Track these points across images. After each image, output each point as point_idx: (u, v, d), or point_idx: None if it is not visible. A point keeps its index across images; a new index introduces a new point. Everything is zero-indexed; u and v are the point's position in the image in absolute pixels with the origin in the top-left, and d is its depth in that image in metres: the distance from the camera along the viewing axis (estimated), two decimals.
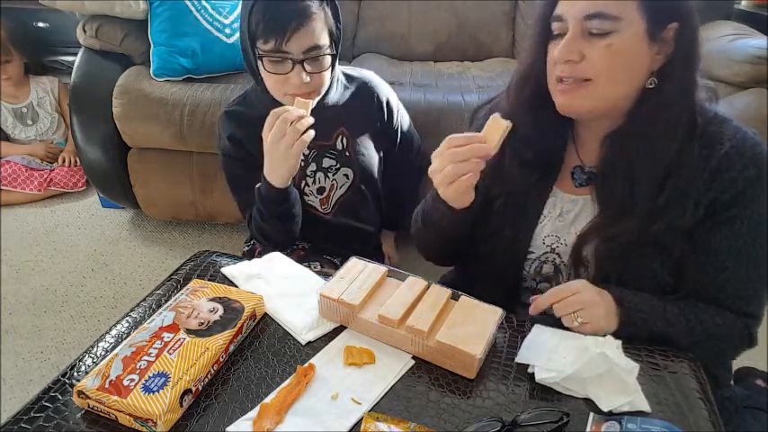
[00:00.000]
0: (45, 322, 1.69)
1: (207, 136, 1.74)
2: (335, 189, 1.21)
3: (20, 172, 2.30)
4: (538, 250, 0.90)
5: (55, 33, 2.47)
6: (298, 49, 0.98)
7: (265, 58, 1.00)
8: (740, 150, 0.77)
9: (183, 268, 0.91)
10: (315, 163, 1.17)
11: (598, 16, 0.74)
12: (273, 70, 1.01)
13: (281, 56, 0.98)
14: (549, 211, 0.90)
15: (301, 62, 1.00)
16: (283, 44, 0.97)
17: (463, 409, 0.67)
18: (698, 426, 0.65)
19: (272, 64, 1.00)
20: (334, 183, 1.20)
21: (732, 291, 0.81)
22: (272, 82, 1.04)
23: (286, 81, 1.01)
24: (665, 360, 0.74)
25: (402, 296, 0.79)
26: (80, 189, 2.38)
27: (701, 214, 0.78)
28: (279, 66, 1.00)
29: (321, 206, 1.21)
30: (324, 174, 1.18)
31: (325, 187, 1.19)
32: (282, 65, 1.00)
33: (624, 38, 0.74)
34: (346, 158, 1.19)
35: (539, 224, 0.90)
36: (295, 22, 0.96)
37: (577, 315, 0.76)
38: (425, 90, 1.76)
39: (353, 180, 1.21)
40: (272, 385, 0.69)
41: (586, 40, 0.76)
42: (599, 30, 0.74)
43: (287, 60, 0.99)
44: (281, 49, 0.98)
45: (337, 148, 1.18)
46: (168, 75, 1.81)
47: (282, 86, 1.02)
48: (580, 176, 0.89)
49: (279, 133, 0.95)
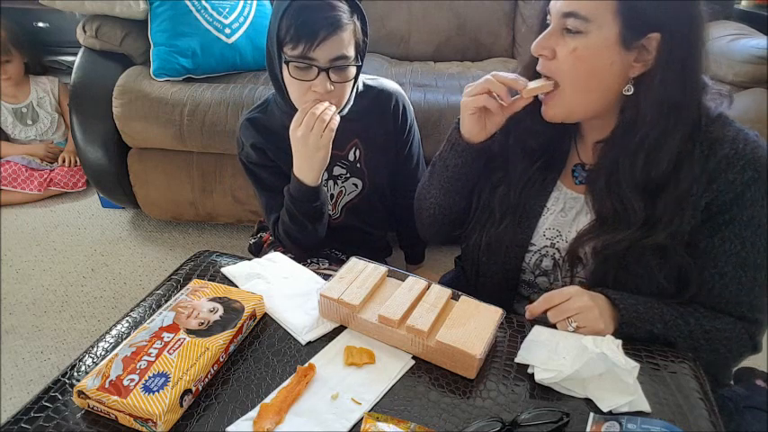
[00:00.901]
0: (45, 322, 1.68)
1: (207, 136, 1.74)
2: (343, 195, 1.22)
3: (20, 172, 2.30)
4: (538, 242, 0.91)
5: (55, 33, 2.47)
6: (324, 57, 0.98)
7: (291, 63, 0.99)
8: (739, 152, 0.76)
9: (183, 268, 0.91)
10: (326, 171, 1.16)
11: (572, 15, 0.75)
12: (298, 76, 1.00)
13: (308, 62, 0.98)
14: (552, 204, 0.90)
15: (327, 70, 0.99)
16: (311, 51, 0.97)
17: (463, 409, 0.67)
18: (698, 426, 0.65)
19: (298, 70, 1.00)
20: (342, 189, 1.21)
21: (732, 295, 0.80)
22: (294, 88, 1.03)
23: (309, 89, 1.01)
24: (665, 360, 0.74)
25: (402, 296, 0.79)
26: (80, 189, 2.38)
27: (698, 218, 0.78)
28: (304, 72, 1.00)
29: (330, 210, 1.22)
30: (333, 182, 1.20)
31: (333, 194, 1.21)
32: (307, 72, 1.00)
33: (591, 42, 0.75)
34: (357, 170, 1.20)
35: (542, 216, 0.90)
36: (325, 31, 0.96)
37: (572, 320, 0.76)
38: (425, 90, 1.76)
39: (362, 190, 1.22)
40: (272, 385, 0.69)
41: (561, 38, 0.77)
42: (573, 28, 0.75)
43: (312, 67, 0.99)
44: (307, 56, 0.97)
45: (349, 159, 1.19)
46: (168, 75, 1.81)
47: (305, 94, 1.02)
48: (580, 174, 0.89)
49: (308, 126, 0.97)
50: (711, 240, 0.79)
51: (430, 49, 2.20)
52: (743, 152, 0.76)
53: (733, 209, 0.77)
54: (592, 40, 0.75)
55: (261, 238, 1.32)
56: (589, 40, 0.75)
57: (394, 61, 2.15)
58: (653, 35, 0.74)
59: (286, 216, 1.10)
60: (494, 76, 0.83)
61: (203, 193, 1.91)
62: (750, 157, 0.76)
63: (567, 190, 0.90)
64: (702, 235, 0.79)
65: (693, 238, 0.79)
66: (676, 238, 0.78)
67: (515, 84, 0.82)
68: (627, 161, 0.78)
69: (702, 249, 0.80)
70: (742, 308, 0.81)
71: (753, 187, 0.76)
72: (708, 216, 0.78)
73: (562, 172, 0.91)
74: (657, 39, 0.74)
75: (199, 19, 1.82)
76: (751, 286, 0.80)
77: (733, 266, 0.79)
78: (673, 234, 0.78)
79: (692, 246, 0.80)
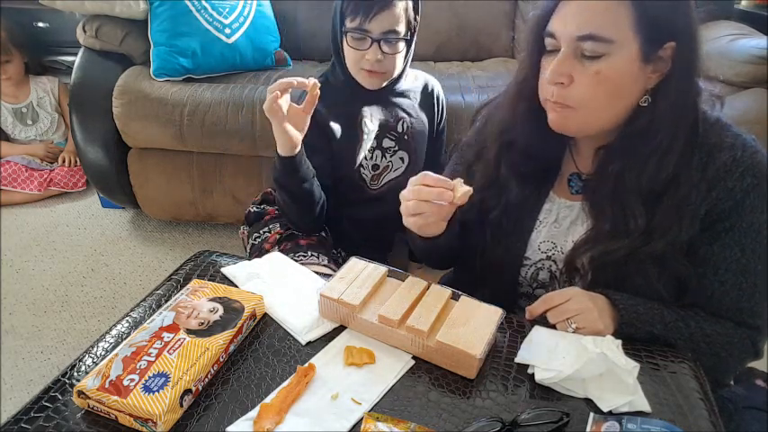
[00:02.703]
0: (45, 322, 1.69)
1: (207, 136, 1.74)
2: (390, 170, 1.30)
3: (20, 172, 2.30)
4: (534, 256, 0.90)
5: (55, 33, 2.47)
6: (377, 30, 1.12)
7: (349, 33, 1.13)
8: (738, 160, 0.75)
9: (183, 268, 0.91)
10: (376, 140, 1.25)
11: (591, 38, 0.72)
12: (354, 46, 1.14)
13: (363, 33, 1.12)
14: (544, 217, 0.89)
15: (378, 42, 1.13)
16: (366, 23, 1.11)
17: (463, 409, 0.67)
18: (698, 426, 0.65)
19: (354, 40, 1.13)
20: (389, 164, 1.29)
21: (733, 302, 0.80)
22: (351, 56, 1.17)
23: (362, 57, 1.14)
24: (665, 360, 0.74)
25: (402, 296, 0.79)
26: (80, 189, 2.38)
27: (697, 226, 0.78)
28: (359, 42, 1.13)
29: (371, 181, 1.29)
30: (382, 153, 1.28)
31: (379, 165, 1.28)
32: (362, 42, 1.13)
33: (614, 62, 0.72)
34: (404, 142, 1.28)
35: (534, 230, 0.89)
36: (378, 6, 1.10)
37: (571, 321, 0.76)
38: None
39: (408, 165, 1.30)
40: (272, 385, 0.69)
41: (578, 62, 0.74)
42: (591, 52, 0.72)
43: (366, 38, 1.12)
44: (362, 27, 1.11)
45: (398, 131, 1.27)
46: (168, 75, 1.81)
47: (359, 62, 1.15)
48: (577, 183, 0.88)
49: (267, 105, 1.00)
50: (711, 248, 0.79)
51: (430, 50, 2.20)
52: (741, 159, 0.76)
53: (732, 216, 0.77)
54: (616, 61, 0.72)
55: (264, 210, 1.32)
56: (613, 61, 0.72)
57: None
58: (668, 44, 0.73)
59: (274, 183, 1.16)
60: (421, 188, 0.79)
61: (203, 193, 1.91)
62: (749, 163, 0.75)
63: (561, 200, 0.89)
64: (702, 242, 0.79)
65: (693, 245, 0.79)
66: (675, 246, 0.78)
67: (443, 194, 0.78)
68: (635, 167, 0.77)
69: (702, 257, 0.79)
70: (742, 314, 0.80)
71: (752, 194, 0.76)
72: (707, 224, 0.78)
73: (555, 183, 0.90)
74: (672, 47, 0.73)
75: (199, 19, 1.82)
76: (751, 293, 0.79)
77: (733, 273, 0.78)
78: (671, 242, 0.77)
79: (692, 253, 0.79)
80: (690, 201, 0.77)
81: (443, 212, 0.80)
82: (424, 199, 0.79)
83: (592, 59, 0.73)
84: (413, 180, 0.81)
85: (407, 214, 0.82)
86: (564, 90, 0.75)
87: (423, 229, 0.84)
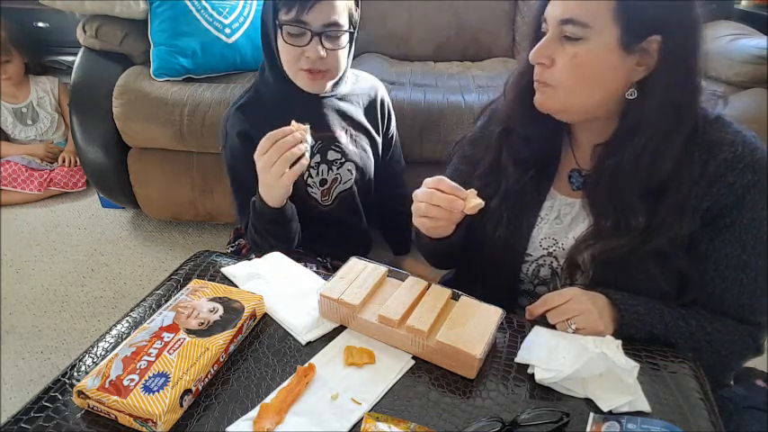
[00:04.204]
0: (45, 322, 1.69)
1: (207, 136, 1.74)
2: (338, 183, 1.21)
3: (20, 172, 2.30)
4: (535, 252, 0.90)
5: (55, 33, 2.47)
6: (317, 22, 1.00)
7: (285, 27, 1.01)
8: (738, 156, 0.76)
9: (183, 268, 0.91)
10: (319, 154, 1.16)
11: (570, 21, 0.74)
12: (291, 42, 1.02)
13: (301, 27, 1.00)
14: (546, 214, 0.90)
15: (319, 35, 1.01)
16: (304, 14, 0.99)
17: (463, 409, 0.67)
18: (698, 426, 0.65)
19: (291, 36, 1.02)
20: (337, 176, 1.19)
21: (734, 298, 0.80)
22: (287, 55, 1.04)
23: (302, 55, 1.03)
24: (665, 360, 0.74)
25: (402, 296, 0.79)
26: (80, 189, 2.38)
27: (698, 222, 0.78)
28: (297, 38, 1.02)
29: (321, 197, 1.20)
30: (328, 166, 1.18)
31: (327, 179, 1.19)
32: (301, 37, 1.01)
33: (591, 48, 0.74)
34: (350, 152, 1.19)
35: (536, 226, 0.90)
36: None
37: (571, 322, 0.76)
38: (425, 90, 1.75)
39: (356, 176, 1.21)
40: (272, 385, 0.69)
41: (560, 45, 0.76)
42: (571, 34, 0.74)
43: (306, 32, 1.01)
44: (300, 19, 0.99)
45: (341, 141, 1.18)
46: (168, 75, 1.81)
47: (298, 60, 1.03)
48: (577, 179, 0.88)
49: (269, 161, 0.95)
50: (712, 244, 0.79)
51: (430, 49, 2.20)
52: (742, 155, 0.76)
53: (733, 212, 0.77)
54: (592, 46, 0.74)
55: (239, 245, 1.31)
56: (589, 46, 0.74)
57: (394, 61, 2.15)
58: (653, 38, 0.73)
59: (252, 228, 1.09)
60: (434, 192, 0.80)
61: (203, 193, 1.91)
62: (749, 159, 0.76)
63: (562, 196, 0.89)
64: (703, 239, 0.79)
65: (694, 241, 0.79)
66: (676, 242, 0.78)
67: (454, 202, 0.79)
68: (630, 164, 0.78)
69: (703, 253, 0.79)
70: (743, 311, 0.80)
71: (753, 190, 0.76)
72: (708, 220, 0.78)
73: (555, 179, 0.90)
74: (658, 41, 0.74)
75: (199, 19, 1.82)
76: (752, 289, 0.79)
77: (734, 270, 0.79)
78: (672, 239, 0.77)
79: (693, 249, 0.79)
80: (691, 196, 0.77)
81: (453, 218, 0.82)
82: (436, 204, 0.80)
83: (571, 42, 0.75)
84: (427, 181, 0.82)
85: (418, 215, 0.83)
86: (546, 71, 0.78)
87: (431, 231, 0.85)
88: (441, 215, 0.81)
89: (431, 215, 0.81)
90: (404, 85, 1.80)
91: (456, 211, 0.79)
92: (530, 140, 0.88)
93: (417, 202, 0.82)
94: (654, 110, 0.76)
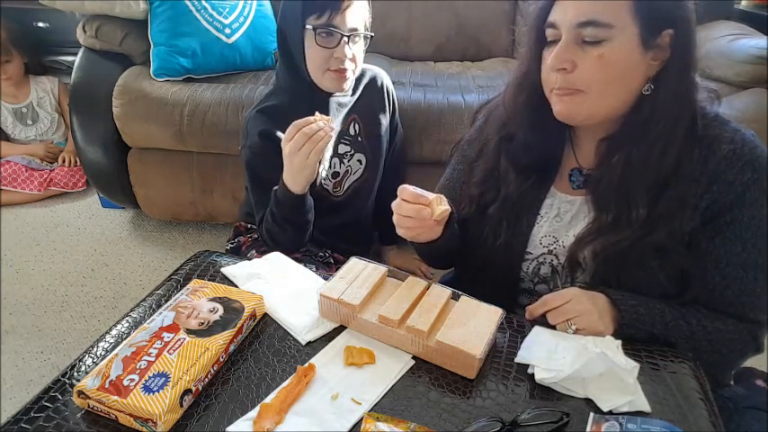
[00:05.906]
0: (45, 322, 1.69)
1: (207, 136, 1.74)
2: (350, 174, 1.28)
3: (20, 172, 2.30)
4: (535, 251, 0.90)
5: (55, 33, 2.47)
6: (346, 25, 1.10)
7: (318, 31, 1.09)
8: (738, 153, 0.76)
9: (183, 268, 0.91)
10: (331, 148, 1.22)
11: (591, 24, 0.73)
12: (323, 44, 1.10)
13: (332, 29, 1.09)
14: (546, 212, 0.90)
15: (348, 37, 1.11)
16: (335, 18, 1.08)
17: (463, 409, 0.67)
18: (698, 426, 0.65)
19: (322, 38, 1.10)
20: (348, 168, 1.26)
21: (734, 296, 0.80)
22: (317, 57, 1.13)
23: (331, 56, 1.11)
24: (665, 360, 0.74)
25: (402, 296, 0.79)
26: (80, 189, 2.38)
27: (697, 218, 0.78)
28: (327, 40, 1.10)
29: (333, 189, 1.27)
30: (339, 159, 1.25)
31: (339, 172, 1.25)
32: (330, 39, 1.10)
33: (616, 47, 0.74)
34: (359, 144, 1.26)
35: (536, 225, 0.90)
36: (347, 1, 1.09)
37: (571, 322, 0.76)
38: (425, 90, 1.76)
39: (366, 166, 1.28)
40: (272, 385, 0.69)
41: (579, 49, 0.75)
42: (592, 37, 0.74)
43: (335, 34, 1.10)
44: (331, 23, 1.08)
45: (350, 134, 1.25)
46: (168, 75, 1.81)
47: (326, 62, 1.12)
48: (578, 178, 0.88)
49: (296, 145, 0.99)
50: (712, 242, 0.79)
51: (430, 49, 2.20)
52: (741, 152, 0.76)
53: (733, 210, 0.77)
54: (616, 45, 0.74)
55: (239, 242, 1.33)
56: (614, 45, 0.74)
57: (394, 61, 2.15)
58: (666, 32, 0.74)
59: (270, 216, 1.13)
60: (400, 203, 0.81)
61: (203, 193, 1.91)
62: (749, 157, 0.76)
63: (562, 195, 0.89)
64: (703, 236, 0.79)
65: (694, 239, 0.79)
66: (676, 237, 0.78)
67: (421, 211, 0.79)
68: (640, 158, 0.78)
69: (703, 251, 0.80)
70: (744, 308, 0.80)
71: (752, 188, 0.76)
72: (708, 218, 0.78)
73: (555, 178, 0.90)
74: (670, 35, 0.75)
75: (199, 19, 1.82)
76: (752, 287, 0.80)
77: (734, 267, 0.79)
78: (672, 233, 0.78)
79: (693, 247, 0.79)
80: (691, 192, 0.77)
81: (427, 225, 0.82)
82: (406, 214, 0.81)
83: (593, 44, 0.74)
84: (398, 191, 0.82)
85: (396, 226, 0.84)
86: (569, 75, 0.77)
87: (414, 239, 0.86)
88: (413, 224, 0.82)
89: (404, 226, 0.83)
90: (404, 85, 1.80)
91: (425, 219, 0.80)
92: (530, 148, 0.87)
93: (395, 214, 0.83)
94: (666, 102, 0.76)
